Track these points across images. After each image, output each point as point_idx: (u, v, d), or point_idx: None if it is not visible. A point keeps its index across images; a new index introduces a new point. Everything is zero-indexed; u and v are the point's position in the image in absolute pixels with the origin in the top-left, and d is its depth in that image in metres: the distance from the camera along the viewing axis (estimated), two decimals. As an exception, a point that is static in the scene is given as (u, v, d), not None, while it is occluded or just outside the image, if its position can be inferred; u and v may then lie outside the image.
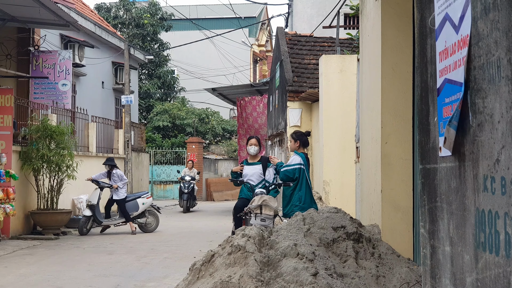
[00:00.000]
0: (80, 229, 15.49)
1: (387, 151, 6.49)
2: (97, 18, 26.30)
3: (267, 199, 8.31)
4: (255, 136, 10.44)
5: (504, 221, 2.42)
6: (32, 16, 16.14)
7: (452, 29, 3.00)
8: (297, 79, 17.85)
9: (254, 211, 8.26)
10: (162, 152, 34.79)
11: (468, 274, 2.81)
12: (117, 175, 16.25)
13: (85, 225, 15.53)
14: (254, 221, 8.08)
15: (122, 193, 16.17)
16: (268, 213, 8.23)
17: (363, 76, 7.63)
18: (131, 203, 16.22)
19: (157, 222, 16.58)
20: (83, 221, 15.56)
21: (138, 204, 16.25)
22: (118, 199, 16.06)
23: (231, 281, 4.85)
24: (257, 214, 8.23)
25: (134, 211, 16.16)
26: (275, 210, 8.29)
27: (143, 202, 16.31)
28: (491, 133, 2.55)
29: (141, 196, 16.53)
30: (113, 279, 9.29)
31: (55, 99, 18.63)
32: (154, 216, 16.55)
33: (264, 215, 8.23)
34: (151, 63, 37.80)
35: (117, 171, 16.38)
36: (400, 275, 5.17)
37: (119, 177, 16.27)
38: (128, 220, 16.02)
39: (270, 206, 8.24)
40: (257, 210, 8.26)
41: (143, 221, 16.32)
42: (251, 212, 8.29)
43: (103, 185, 16.01)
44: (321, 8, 26.31)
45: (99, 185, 15.99)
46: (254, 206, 8.26)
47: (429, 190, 3.39)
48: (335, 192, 14.10)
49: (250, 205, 8.37)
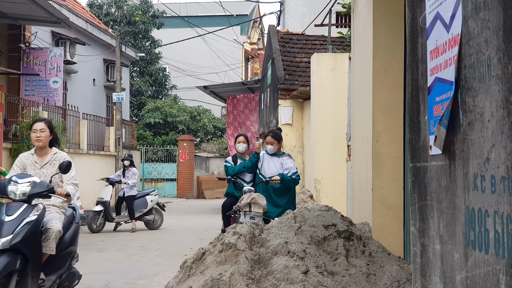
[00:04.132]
0: (89, 225, 15.54)
1: (378, 150, 6.50)
2: (88, 15, 26.23)
3: (256, 197, 8.29)
4: (243, 134, 10.44)
5: (493, 219, 2.43)
6: (23, 13, 16.08)
7: (443, 28, 3.01)
8: (289, 77, 17.85)
9: (243, 209, 8.24)
10: (153, 150, 34.73)
11: (458, 272, 2.82)
12: (133, 172, 16.56)
13: (95, 221, 15.66)
14: (244, 219, 8.06)
15: (134, 190, 16.41)
16: (257, 210, 8.22)
17: (355, 74, 7.64)
18: (140, 200, 16.42)
19: (161, 219, 16.89)
20: (91, 216, 15.64)
21: (147, 201, 16.50)
22: (129, 195, 16.28)
23: (222, 279, 4.86)
24: (247, 212, 8.21)
25: (143, 208, 16.40)
26: (264, 207, 8.27)
27: (152, 200, 16.59)
28: (481, 132, 2.56)
29: (150, 194, 16.74)
30: (103, 276, 9.27)
31: (46, 96, 18.57)
32: (159, 213, 16.86)
33: (254, 212, 8.21)
34: (142, 61, 37.72)
35: (134, 168, 16.71)
36: (391, 273, 5.18)
37: (134, 174, 16.59)
38: (132, 218, 16.20)
39: (259, 203, 8.23)
40: (246, 208, 8.24)
41: (151, 218, 16.63)
42: (240, 210, 8.28)
43: (114, 181, 16.36)
44: (313, 6, 26.32)
45: (109, 181, 16.30)
46: (243, 204, 8.24)
47: (419, 189, 3.40)
48: (326, 190, 14.11)
49: (239, 203, 8.35)
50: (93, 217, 15.66)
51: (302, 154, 17.51)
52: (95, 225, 15.60)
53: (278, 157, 9.15)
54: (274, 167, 9.08)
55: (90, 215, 15.72)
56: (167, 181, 34.00)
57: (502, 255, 2.35)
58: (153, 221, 16.68)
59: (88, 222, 15.54)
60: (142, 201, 16.44)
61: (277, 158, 9.13)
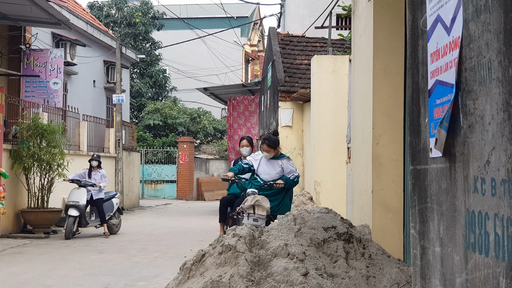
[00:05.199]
0: (68, 232, 14.39)
1: (378, 152, 6.50)
2: (89, 17, 26.24)
3: (260, 199, 8.28)
4: (246, 137, 10.32)
5: (494, 222, 2.43)
6: (23, 14, 16.08)
7: (444, 30, 3.01)
8: (289, 79, 17.87)
9: (247, 211, 8.24)
10: (153, 152, 34.74)
11: (458, 275, 2.82)
12: (102, 174, 15.49)
13: (73, 227, 14.50)
14: (247, 221, 8.06)
15: (102, 193, 15.28)
16: (261, 213, 8.21)
17: (355, 76, 7.64)
18: (108, 203, 15.43)
19: (120, 223, 16.01)
20: (72, 221, 14.42)
21: (113, 204, 15.60)
22: (99, 198, 15.10)
23: (221, 281, 4.85)
24: (250, 214, 8.21)
25: (110, 212, 15.40)
26: (268, 210, 8.27)
27: (116, 203, 15.74)
28: (481, 135, 2.56)
29: (115, 196, 15.86)
30: (103, 278, 9.26)
31: (46, 97, 18.57)
32: (119, 217, 15.95)
33: (257, 215, 8.21)
34: (142, 62, 37.74)
35: (102, 170, 15.69)
36: (390, 276, 5.18)
37: (104, 176, 15.53)
38: (103, 222, 15.12)
39: (263, 206, 8.22)
40: (250, 210, 8.23)
41: (115, 222, 15.64)
42: (244, 212, 8.27)
43: (86, 183, 14.96)
44: (314, 9, 26.36)
45: (80, 183, 14.94)
46: (247, 206, 8.23)
47: (419, 191, 3.40)
48: (326, 193, 14.11)
49: (242, 205, 8.34)
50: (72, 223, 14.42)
51: (302, 156, 17.51)
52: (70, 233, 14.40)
53: (277, 159, 9.07)
54: (273, 169, 8.99)
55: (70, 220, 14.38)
56: (166, 182, 34.00)
57: (502, 258, 2.35)
58: (117, 225, 15.69)
59: (68, 228, 14.38)
60: (110, 204, 15.46)
61: (275, 161, 9.03)
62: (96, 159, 15.45)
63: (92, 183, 15.02)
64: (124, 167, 24.44)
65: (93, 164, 15.42)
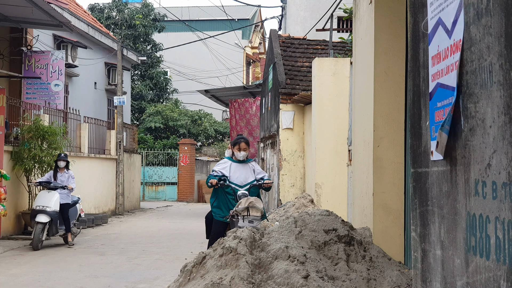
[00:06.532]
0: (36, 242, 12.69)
1: (379, 155, 6.50)
2: (90, 19, 26.25)
3: (253, 201, 8.27)
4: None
5: (494, 225, 2.43)
6: (25, 16, 16.10)
7: (445, 33, 3.02)
8: (290, 82, 17.87)
9: (242, 213, 8.22)
10: (154, 154, 34.74)
11: (458, 278, 2.82)
12: (70, 175, 13.86)
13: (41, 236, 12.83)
14: (243, 223, 8.04)
15: (69, 197, 13.71)
16: (256, 214, 8.20)
17: (356, 79, 7.65)
18: (73, 209, 13.92)
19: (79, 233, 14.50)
20: (40, 229, 12.81)
21: (77, 210, 14.16)
22: (65, 203, 13.48)
23: (222, 283, 4.85)
24: (245, 216, 8.19)
25: (74, 219, 13.98)
26: (262, 210, 8.26)
27: (80, 208, 14.34)
28: (482, 138, 2.56)
29: (78, 202, 14.27)
30: (104, 280, 9.26)
31: (48, 99, 18.58)
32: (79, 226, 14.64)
33: (252, 216, 8.19)
34: (143, 64, 37.76)
35: (70, 171, 14.04)
36: (391, 278, 5.18)
37: (72, 178, 13.89)
38: (68, 230, 13.52)
39: (257, 207, 8.21)
40: (244, 213, 8.22)
41: (76, 232, 14.08)
42: (238, 215, 8.25)
43: (56, 186, 13.46)
44: (315, 11, 26.38)
45: (49, 186, 13.46)
46: (241, 209, 8.22)
47: (420, 194, 3.40)
48: (327, 195, 14.11)
49: (236, 208, 8.31)
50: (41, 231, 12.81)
51: (303, 159, 17.51)
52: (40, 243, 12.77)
53: (247, 163, 8.92)
54: (245, 173, 8.80)
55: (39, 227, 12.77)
56: (167, 184, 34.01)
57: (503, 261, 2.35)
58: (76, 234, 14.10)
59: (35, 236, 12.72)
60: (74, 210, 13.96)
61: (246, 164, 8.86)
62: (63, 158, 13.83)
63: (62, 185, 13.51)
64: (125, 169, 24.44)
65: (60, 164, 13.82)
